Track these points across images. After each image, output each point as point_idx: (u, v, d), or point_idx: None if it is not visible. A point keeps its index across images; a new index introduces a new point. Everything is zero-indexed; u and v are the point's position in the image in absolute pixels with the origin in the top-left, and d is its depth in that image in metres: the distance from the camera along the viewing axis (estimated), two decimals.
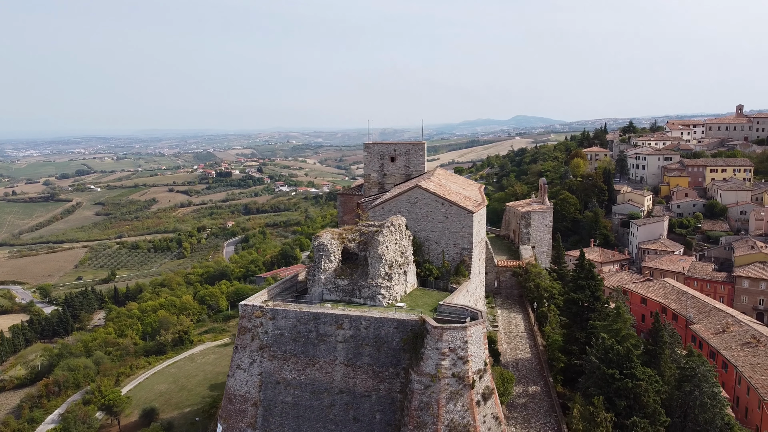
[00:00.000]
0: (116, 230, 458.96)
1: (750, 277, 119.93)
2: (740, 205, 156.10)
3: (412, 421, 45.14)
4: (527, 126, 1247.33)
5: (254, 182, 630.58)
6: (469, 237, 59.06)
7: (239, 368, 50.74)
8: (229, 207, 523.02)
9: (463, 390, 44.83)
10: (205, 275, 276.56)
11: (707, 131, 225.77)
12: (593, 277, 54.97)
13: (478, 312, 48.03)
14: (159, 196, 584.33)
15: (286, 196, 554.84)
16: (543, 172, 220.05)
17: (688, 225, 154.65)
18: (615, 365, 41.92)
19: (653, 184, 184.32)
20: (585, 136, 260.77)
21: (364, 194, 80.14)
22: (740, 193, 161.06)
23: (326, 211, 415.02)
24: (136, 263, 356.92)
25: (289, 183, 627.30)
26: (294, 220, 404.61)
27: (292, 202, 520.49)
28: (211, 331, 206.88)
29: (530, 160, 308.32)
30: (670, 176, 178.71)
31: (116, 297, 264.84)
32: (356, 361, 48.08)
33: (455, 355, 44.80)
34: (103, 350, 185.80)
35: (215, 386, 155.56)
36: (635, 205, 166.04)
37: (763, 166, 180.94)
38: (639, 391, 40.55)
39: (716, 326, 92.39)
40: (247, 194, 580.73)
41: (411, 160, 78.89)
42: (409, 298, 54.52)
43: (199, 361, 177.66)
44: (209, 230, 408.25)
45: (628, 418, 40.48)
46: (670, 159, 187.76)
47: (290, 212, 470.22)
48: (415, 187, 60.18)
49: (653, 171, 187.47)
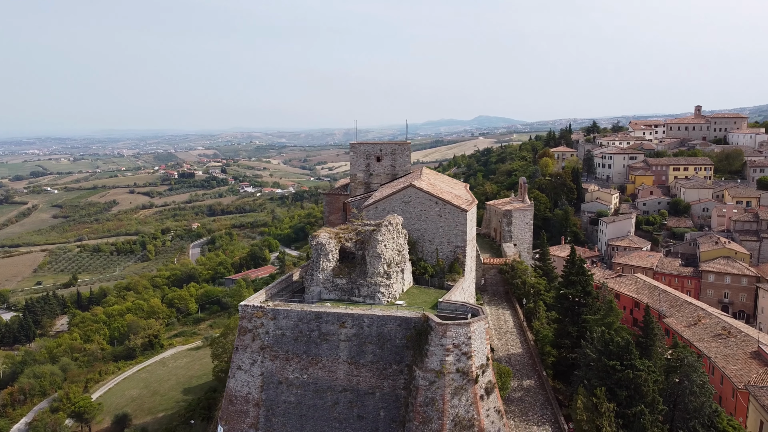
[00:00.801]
0: (75, 233, 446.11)
1: (715, 272, 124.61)
2: (702, 203, 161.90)
3: (417, 416, 45.76)
4: (490, 126, 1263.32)
5: (218, 183, 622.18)
6: (462, 235, 60.03)
7: (240, 369, 50.47)
8: (193, 208, 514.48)
9: (468, 385, 45.68)
10: (172, 278, 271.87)
11: (668, 131, 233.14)
12: (584, 273, 56.65)
13: (479, 308, 48.96)
14: (119, 197, 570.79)
15: (251, 197, 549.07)
16: (512, 171, 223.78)
17: (654, 222, 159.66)
18: (615, 357, 43.41)
19: (619, 182, 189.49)
20: (551, 136, 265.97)
21: (350, 194, 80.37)
22: (702, 190, 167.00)
23: (293, 212, 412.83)
24: (99, 267, 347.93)
25: (254, 184, 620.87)
26: (261, 221, 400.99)
27: (257, 203, 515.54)
28: (181, 334, 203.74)
29: (497, 159, 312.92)
30: (636, 175, 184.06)
31: (79, 302, 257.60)
32: (359, 359, 48.42)
33: (459, 351, 45.60)
34: (70, 356, 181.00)
35: (189, 390, 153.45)
36: (603, 204, 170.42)
37: (721, 165, 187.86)
38: (639, 381, 42.12)
39: (688, 319, 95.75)
40: (211, 195, 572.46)
41: (397, 159, 79.54)
42: (406, 296, 55.11)
43: (170, 365, 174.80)
44: (174, 232, 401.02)
45: (629, 407, 42.00)
46: (634, 158, 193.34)
47: (256, 213, 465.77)
48: (409, 186, 60.83)
49: (619, 170, 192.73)
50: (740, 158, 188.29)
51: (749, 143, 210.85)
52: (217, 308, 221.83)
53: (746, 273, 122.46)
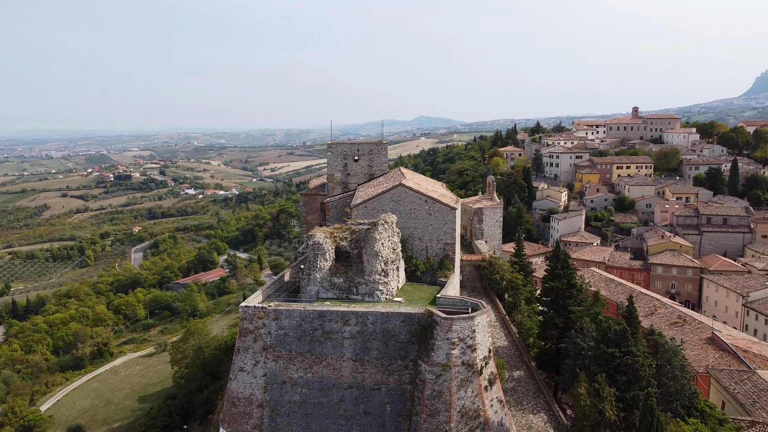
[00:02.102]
0: (4, 239, 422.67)
1: (663, 264, 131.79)
2: (646, 199, 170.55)
3: (425, 409, 46.86)
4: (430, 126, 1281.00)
5: (157, 185, 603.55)
6: (452, 232, 61.59)
7: (242, 370, 50.13)
8: (132, 212, 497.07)
9: (473, 377, 47.17)
10: (115, 284, 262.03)
11: (608, 131, 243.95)
12: (568, 266, 59.28)
13: (479, 302, 50.56)
14: (51, 201, 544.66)
15: (193, 199, 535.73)
16: (463, 170, 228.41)
17: (602, 218, 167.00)
18: (613, 344, 45.92)
19: (567, 180, 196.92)
20: (498, 136, 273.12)
21: (328, 194, 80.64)
22: (645, 187, 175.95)
23: (239, 214, 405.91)
24: (33, 274, 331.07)
25: (195, 185, 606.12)
26: (205, 223, 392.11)
27: (199, 205, 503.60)
28: (131, 341, 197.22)
29: (443, 159, 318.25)
30: (582, 173, 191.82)
31: (15, 311, 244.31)
32: (364, 355, 49.07)
33: (464, 344, 47.02)
34: (11, 368, 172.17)
35: (145, 398, 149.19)
36: (553, 201, 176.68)
37: (660, 163, 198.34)
38: (637, 366, 44.76)
39: (645, 309, 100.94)
40: (150, 198, 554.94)
41: (374, 159, 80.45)
42: (401, 293, 56.13)
43: (123, 373, 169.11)
44: (114, 236, 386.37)
45: (627, 391, 44.56)
46: (580, 157, 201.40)
47: (199, 216, 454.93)
48: (399, 186, 61.86)
49: (566, 169, 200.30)
50: (677, 157, 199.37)
51: (683, 142, 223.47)
52: (168, 313, 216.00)
53: (691, 265, 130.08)
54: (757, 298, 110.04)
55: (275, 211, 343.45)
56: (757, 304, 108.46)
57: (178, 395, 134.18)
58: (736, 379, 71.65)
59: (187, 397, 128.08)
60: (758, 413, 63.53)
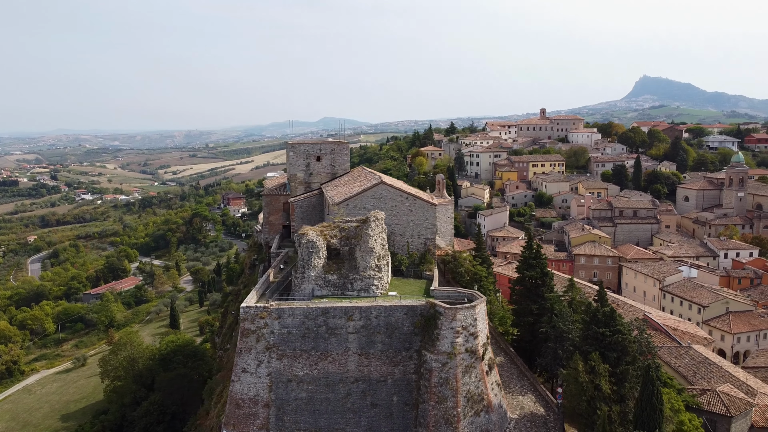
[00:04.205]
0: None
1: (586, 255, 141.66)
2: (562, 195, 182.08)
3: (433, 397, 48.79)
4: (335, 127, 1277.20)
5: (49, 191, 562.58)
6: (432, 228, 63.89)
7: (245, 371, 49.59)
8: (22, 220, 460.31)
9: (476, 362, 49.71)
10: (15, 297, 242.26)
11: (519, 131, 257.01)
12: (540, 256, 63.39)
13: (474, 292, 53.17)
14: None
15: (91, 204, 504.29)
16: (386, 170, 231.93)
17: (524, 213, 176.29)
18: (603, 324, 50.07)
19: (487, 179, 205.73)
20: (416, 136, 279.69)
21: (291, 194, 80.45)
22: (560, 184, 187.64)
23: (147, 219, 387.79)
24: None
25: (93, 191, 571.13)
26: (110, 230, 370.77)
27: (99, 211, 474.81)
28: (42, 357, 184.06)
29: (360, 160, 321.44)
30: (502, 171, 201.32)
31: None
32: (369, 349, 50.19)
33: (467, 332, 49.46)
34: None
35: (68, 416, 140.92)
36: (478, 198, 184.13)
37: (570, 161, 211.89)
38: (625, 343, 49.16)
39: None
40: (41, 204, 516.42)
41: (336, 159, 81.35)
42: (392, 287, 57.64)
43: (38, 392, 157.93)
44: (5, 246, 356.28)
45: (617, 366, 48.83)
46: (499, 156, 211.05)
47: (100, 222, 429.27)
48: (380, 183, 63.31)
49: (486, 167, 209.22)
50: (585, 155, 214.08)
51: (587, 141, 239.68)
52: (81, 326, 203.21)
53: (610, 254, 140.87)
54: (671, 282, 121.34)
55: (188, 215, 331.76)
56: (672, 288, 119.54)
57: (110, 410, 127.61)
58: (675, 354, 79.33)
59: (121, 411, 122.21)
60: (700, 382, 71.01)
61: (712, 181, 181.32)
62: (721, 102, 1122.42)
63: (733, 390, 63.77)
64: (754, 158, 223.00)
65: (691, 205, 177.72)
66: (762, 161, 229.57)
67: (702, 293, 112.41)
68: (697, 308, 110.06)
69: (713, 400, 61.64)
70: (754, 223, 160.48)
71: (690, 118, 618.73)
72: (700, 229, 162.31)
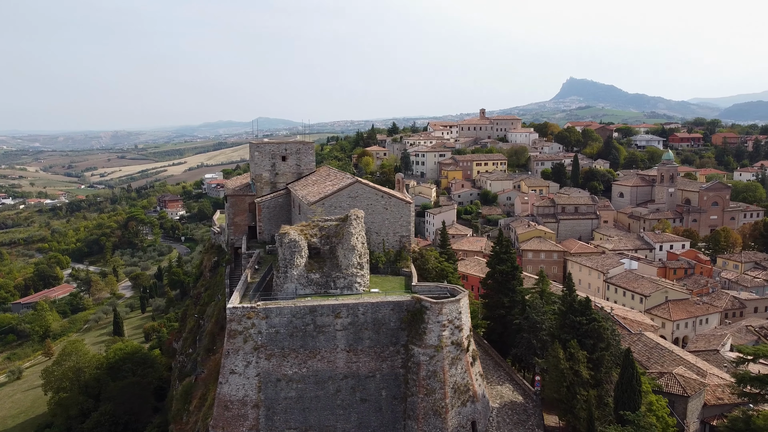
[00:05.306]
0: None
1: (533, 250, 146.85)
2: (506, 192, 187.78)
3: (421, 389, 49.96)
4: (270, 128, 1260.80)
5: None
6: (407, 225, 65.06)
7: (233, 373, 49.11)
8: None
9: (461, 354, 51.27)
10: None
11: (460, 131, 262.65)
12: (509, 251, 65.75)
13: (456, 286, 54.73)
14: None
15: (12, 209, 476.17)
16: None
17: (471, 211, 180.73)
18: (579, 313, 52.70)
19: (433, 177, 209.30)
20: (359, 136, 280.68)
21: (256, 194, 79.72)
22: (504, 182, 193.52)
23: (77, 224, 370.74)
24: None
25: (13, 194, 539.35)
26: (37, 236, 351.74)
27: (22, 216, 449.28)
28: None
29: None
30: (447, 170, 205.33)
31: None
32: (357, 345, 50.80)
33: (453, 325, 50.93)
34: None
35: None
36: (425, 197, 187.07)
37: (511, 160, 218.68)
38: (601, 330, 51.96)
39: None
40: None
41: (302, 158, 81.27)
42: (372, 284, 58.36)
43: None
44: None
45: (593, 353, 51.55)
46: (443, 155, 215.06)
47: (24, 228, 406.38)
48: (356, 182, 63.91)
49: (431, 166, 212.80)
50: (525, 154, 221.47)
51: (525, 141, 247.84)
52: (13, 337, 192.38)
53: (556, 249, 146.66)
54: (614, 274, 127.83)
55: (123, 219, 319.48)
56: (615, 279, 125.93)
57: (54, 423, 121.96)
58: (629, 341, 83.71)
59: (67, 423, 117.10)
60: (654, 366, 75.52)
61: (644, 178, 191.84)
62: (642, 103, 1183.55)
63: (687, 372, 68.24)
64: (678, 156, 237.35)
65: (625, 201, 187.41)
66: (685, 159, 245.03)
67: (643, 284, 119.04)
68: (640, 298, 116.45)
69: (671, 382, 65.76)
70: (683, 217, 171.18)
71: (615, 118, 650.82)
72: (635, 224, 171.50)
